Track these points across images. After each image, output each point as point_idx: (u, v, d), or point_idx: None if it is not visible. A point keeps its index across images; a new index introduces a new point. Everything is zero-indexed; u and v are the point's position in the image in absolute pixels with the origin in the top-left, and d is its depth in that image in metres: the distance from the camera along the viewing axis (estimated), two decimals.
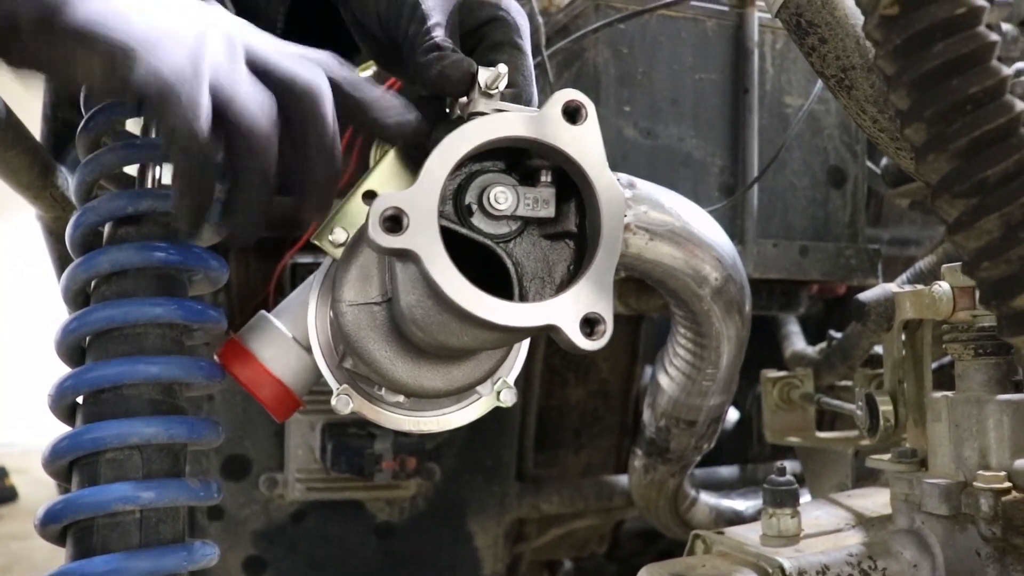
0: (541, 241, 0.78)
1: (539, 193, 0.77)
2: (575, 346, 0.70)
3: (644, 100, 1.40)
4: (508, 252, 0.77)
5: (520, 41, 0.87)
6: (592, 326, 0.72)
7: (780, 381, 1.53)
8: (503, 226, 0.77)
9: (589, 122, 0.76)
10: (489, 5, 0.88)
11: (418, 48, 0.84)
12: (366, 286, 0.84)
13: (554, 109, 0.75)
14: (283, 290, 1.56)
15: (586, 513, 1.94)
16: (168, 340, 0.95)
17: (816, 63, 0.92)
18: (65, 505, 0.86)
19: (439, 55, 0.81)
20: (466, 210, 0.76)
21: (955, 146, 0.69)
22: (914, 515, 1.00)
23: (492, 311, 0.70)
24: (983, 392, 0.98)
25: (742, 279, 1.16)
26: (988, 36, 0.68)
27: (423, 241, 0.69)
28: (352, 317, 0.83)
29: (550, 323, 0.71)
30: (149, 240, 0.97)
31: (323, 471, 1.61)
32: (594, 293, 0.72)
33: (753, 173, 1.44)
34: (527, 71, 0.86)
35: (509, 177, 0.78)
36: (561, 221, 0.78)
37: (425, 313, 0.77)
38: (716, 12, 1.45)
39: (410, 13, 0.86)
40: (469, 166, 0.77)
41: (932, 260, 1.46)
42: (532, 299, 0.76)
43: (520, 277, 0.77)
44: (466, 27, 0.88)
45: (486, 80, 0.77)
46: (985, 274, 0.72)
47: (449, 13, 0.87)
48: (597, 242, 0.75)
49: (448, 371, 0.84)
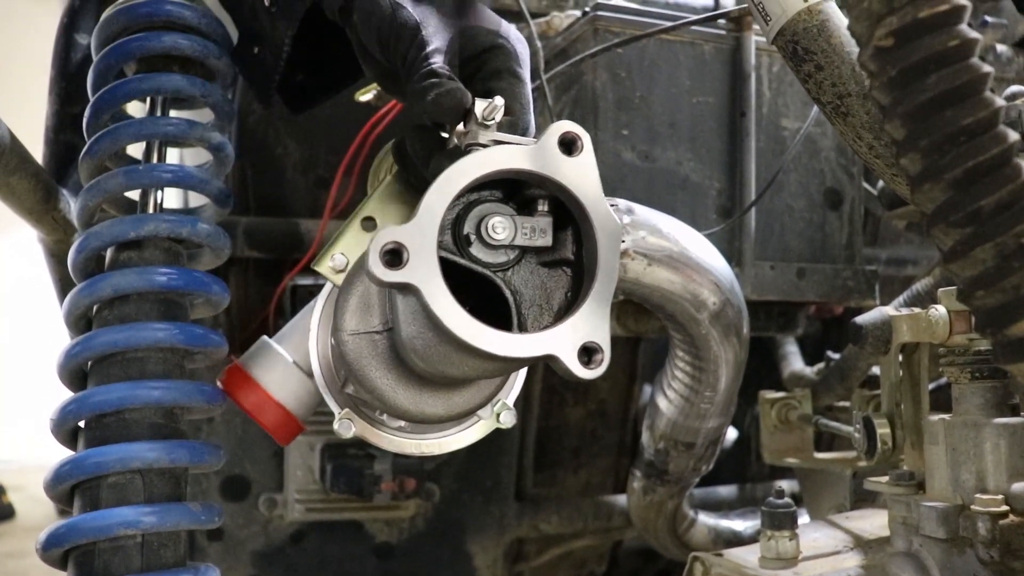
0: (539, 269, 0.79)
1: (536, 222, 0.78)
2: (573, 375, 0.71)
3: (642, 123, 1.41)
4: (506, 281, 0.78)
5: (519, 69, 0.88)
6: (590, 355, 0.72)
7: (779, 402, 1.54)
8: (501, 255, 0.77)
9: (585, 153, 0.77)
10: (489, 33, 0.89)
11: (415, 73, 0.85)
12: (367, 315, 0.85)
13: (551, 141, 0.76)
14: (283, 311, 1.56)
15: (585, 533, 1.94)
16: (170, 364, 0.96)
17: (812, 90, 0.93)
18: (67, 529, 0.86)
19: (434, 82, 0.81)
20: (464, 240, 0.77)
21: (950, 176, 0.70)
22: (912, 538, 1.00)
23: (491, 342, 0.71)
24: (980, 415, 0.98)
25: (740, 303, 1.16)
26: (981, 68, 0.69)
27: (423, 275, 0.70)
28: (353, 346, 0.84)
29: (549, 353, 0.72)
30: (151, 265, 0.98)
31: (322, 492, 1.61)
32: (592, 322, 0.73)
33: (750, 196, 1.45)
34: (525, 99, 0.87)
35: (507, 206, 0.79)
36: (558, 249, 0.79)
37: (425, 344, 0.78)
38: (713, 36, 1.46)
39: (410, 38, 0.87)
40: (467, 196, 0.77)
41: (929, 282, 1.46)
42: (531, 326, 0.77)
43: (519, 305, 0.77)
44: (466, 54, 0.89)
45: (483, 111, 0.78)
46: (980, 302, 0.73)
47: (449, 40, 0.88)
48: (594, 272, 0.75)
49: (449, 397, 0.85)
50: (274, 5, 1.01)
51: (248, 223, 1.62)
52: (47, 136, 1.33)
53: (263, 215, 1.69)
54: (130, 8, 1.05)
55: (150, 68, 1.06)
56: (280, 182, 1.72)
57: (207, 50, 1.06)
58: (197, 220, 1.02)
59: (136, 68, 1.08)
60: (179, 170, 1.05)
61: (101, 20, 1.07)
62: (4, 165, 1.05)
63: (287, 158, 1.73)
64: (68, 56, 1.31)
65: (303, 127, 1.72)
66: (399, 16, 0.88)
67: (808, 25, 0.90)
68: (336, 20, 0.96)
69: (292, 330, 0.95)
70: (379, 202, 0.91)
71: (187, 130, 1.04)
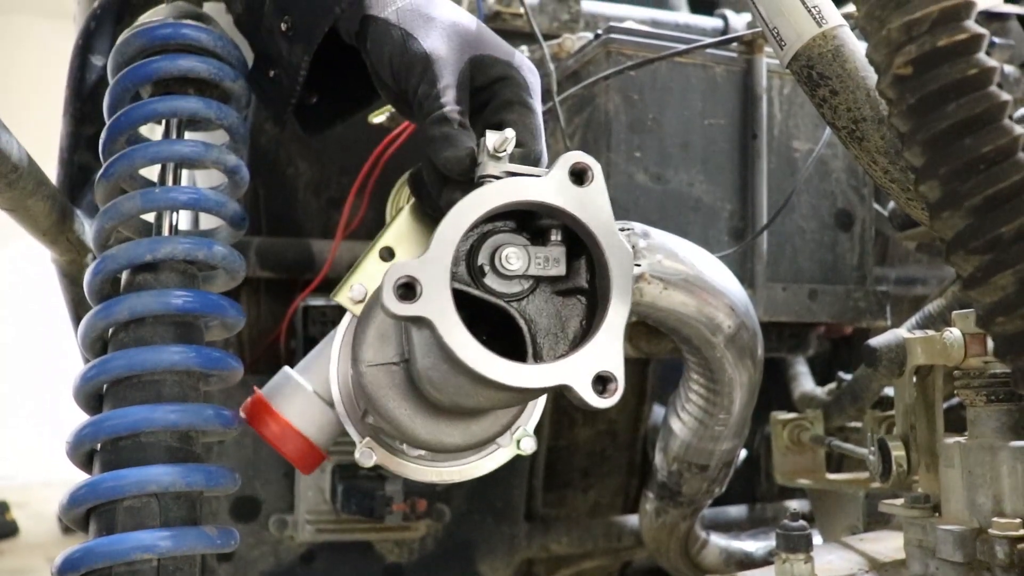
0: (554, 297, 0.79)
1: (549, 252, 0.78)
2: (588, 404, 0.71)
3: (654, 145, 1.42)
4: (521, 310, 0.78)
5: (530, 100, 0.89)
6: (604, 384, 0.73)
7: (790, 423, 1.53)
8: (515, 285, 0.78)
9: (596, 183, 0.77)
10: (500, 63, 0.90)
11: (426, 113, 0.86)
12: (384, 346, 0.86)
13: (561, 172, 0.76)
14: (294, 332, 1.56)
15: (595, 553, 1.93)
16: (186, 387, 0.95)
17: (827, 114, 0.93)
18: (84, 554, 0.86)
19: (446, 134, 0.83)
20: (479, 271, 0.77)
21: (970, 203, 0.70)
22: (928, 561, 1.00)
23: (506, 374, 0.71)
24: (996, 439, 0.98)
25: (754, 325, 1.16)
26: (1000, 96, 0.70)
27: (436, 308, 0.70)
28: (372, 377, 0.85)
29: (563, 383, 0.72)
30: (167, 287, 0.98)
31: (333, 512, 1.61)
32: (605, 351, 0.73)
33: (762, 217, 1.45)
34: (536, 129, 0.87)
35: (520, 236, 0.79)
36: (572, 278, 0.79)
37: (441, 376, 0.78)
38: (725, 59, 1.47)
39: (421, 71, 0.88)
40: (481, 227, 0.78)
41: (941, 303, 1.46)
42: (547, 355, 0.78)
43: (534, 334, 0.78)
44: (477, 84, 0.89)
45: (494, 144, 0.78)
46: (1000, 328, 0.73)
47: (460, 71, 0.88)
48: (607, 301, 0.76)
49: (467, 427, 0.86)
50: (291, 29, 1.02)
51: (260, 243, 1.62)
52: (61, 157, 1.33)
53: (275, 235, 1.69)
54: (146, 31, 1.06)
55: (166, 90, 1.06)
56: (292, 203, 1.73)
57: (223, 73, 1.06)
58: (213, 243, 1.02)
59: (152, 90, 1.09)
60: (196, 192, 1.05)
61: (118, 43, 1.07)
62: (22, 188, 1.06)
63: (299, 178, 1.73)
64: (83, 77, 1.31)
65: (315, 148, 1.72)
66: (410, 47, 0.89)
67: (823, 50, 0.91)
68: (352, 43, 0.96)
69: (313, 360, 0.95)
70: (397, 232, 0.92)
71: (203, 152, 1.04)
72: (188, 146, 1.05)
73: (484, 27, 0.94)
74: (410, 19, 0.90)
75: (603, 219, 0.77)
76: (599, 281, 0.78)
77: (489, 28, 0.94)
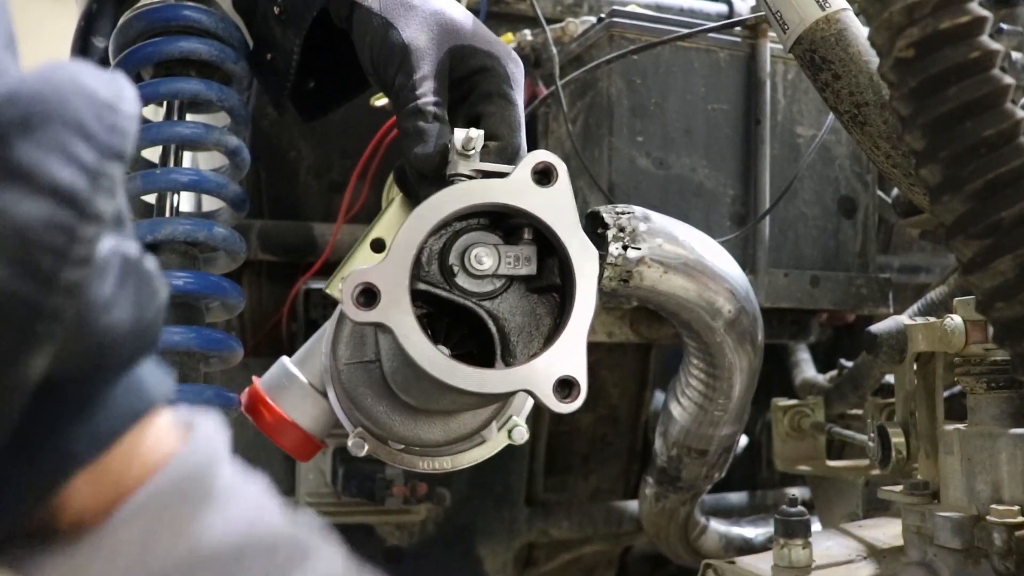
0: (528, 295, 0.79)
1: (520, 251, 0.78)
2: (550, 409, 0.71)
3: (657, 130, 1.41)
4: (492, 309, 0.78)
5: (510, 91, 0.88)
6: (568, 388, 0.72)
7: (791, 410, 1.53)
8: (487, 284, 0.78)
9: (560, 183, 0.76)
10: (480, 54, 0.88)
11: (401, 105, 0.85)
12: (361, 345, 0.86)
13: (524, 172, 0.76)
14: (296, 315, 1.56)
15: (595, 538, 1.94)
16: (186, 368, 0.96)
17: (830, 98, 0.93)
18: None
19: (416, 129, 0.83)
20: (449, 270, 0.77)
21: (970, 188, 0.70)
22: (926, 548, 1.00)
23: (465, 379, 0.71)
24: (996, 426, 0.98)
25: (755, 310, 1.16)
26: (1002, 79, 0.69)
27: (395, 314, 0.70)
28: (348, 375, 0.86)
29: (525, 388, 0.72)
30: (167, 268, 0.98)
31: (333, 495, 1.61)
32: (568, 355, 0.73)
33: (765, 203, 1.44)
34: (515, 122, 0.86)
35: (492, 235, 0.79)
36: (545, 275, 0.79)
37: (406, 379, 0.79)
38: (728, 43, 1.46)
39: (399, 61, 0.87)
40: (453, 225, 0.78)
41: (943, 291, 1.46)
42: (520, 353, 0.77)
43: (507, 332, 0.78)
44: (456, 75, 0.88)
45: (461, 143, 0.78)
46: (999, 314, 0.73)
47: (439, 61, 0.87)
48: (571, 303, 0.75)
49: (445, 423, 0.86)
50: (283, 13, 1.01)
51: (262, 226, 1.62)
52: None
53: (276, 218, 1.69)
54: (148, 12, 1.05)
55: (167, 72, 1.06)
56: (294, 186, 1.73)
57: (224, 54, 1.06)
58: (213, 224, 1.02)
59: (153, 72, 1.08)
60: (197, 174, 1.05)
61: (119, 24, 1.07)
62: None
63: (301, 162, 1.73)
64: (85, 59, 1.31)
65: (317, 131, 1.72)
66: (389, 36, 0.87)
67: (826, 34, 0.90)
68: (344, 27, 0.96)
69: (308, 351, 0.96)
70: (388, 223, 0.92)
71: (205, 134, 1.04)
72: (189, 128, 1.06)
73: (470, 16, 0.92)
74: (391, 7, 0.89)
75: (566, 220, 0.76)
76: (566, 281, 0.78)
77: (484, 15, 0.94)
